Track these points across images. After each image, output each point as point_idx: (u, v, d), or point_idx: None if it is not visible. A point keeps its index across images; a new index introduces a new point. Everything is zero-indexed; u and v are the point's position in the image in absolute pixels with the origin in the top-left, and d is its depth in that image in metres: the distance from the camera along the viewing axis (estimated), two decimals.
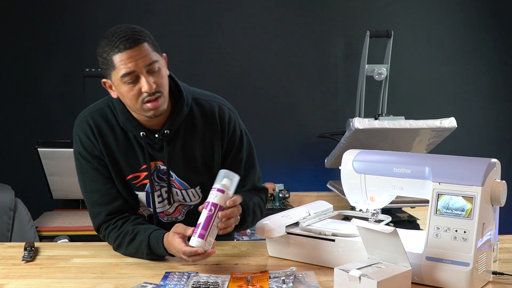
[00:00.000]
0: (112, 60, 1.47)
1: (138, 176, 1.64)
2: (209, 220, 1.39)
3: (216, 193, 1.41)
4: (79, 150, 1.63)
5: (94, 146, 1.61)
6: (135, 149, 1.62)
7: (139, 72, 1.47)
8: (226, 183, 1.42)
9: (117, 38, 1.46)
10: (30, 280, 1.40)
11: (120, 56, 1.46)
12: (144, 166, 1.62)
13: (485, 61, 3.93)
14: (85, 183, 1.65)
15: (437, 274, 1.32)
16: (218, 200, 1.41)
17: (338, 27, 3.84)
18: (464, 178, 1.32)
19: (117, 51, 1.46)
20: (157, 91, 1.50)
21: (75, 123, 1.66)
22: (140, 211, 1.71)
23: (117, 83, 1.50)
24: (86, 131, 1.61)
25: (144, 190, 1.65)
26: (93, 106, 1.67)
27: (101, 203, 1.63)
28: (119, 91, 1.52)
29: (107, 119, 1.61)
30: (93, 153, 1.62)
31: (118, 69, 1.47)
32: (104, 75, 1.54)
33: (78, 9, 3.65)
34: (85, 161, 1.63)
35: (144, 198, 1.67)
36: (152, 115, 1.53)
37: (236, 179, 1.45)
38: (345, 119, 3.56)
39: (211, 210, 1.40)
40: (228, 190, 1.42)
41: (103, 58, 1.50)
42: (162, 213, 1.71)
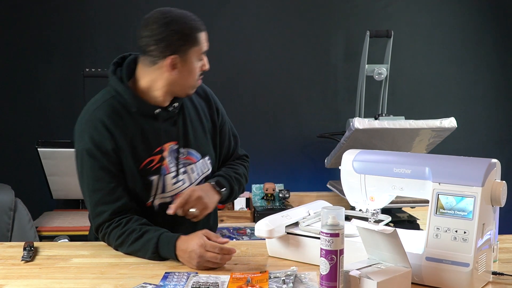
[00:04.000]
0: (197, 37, 1.62)
1: (152, 160, 1.66)
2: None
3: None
4: (86, 148, 1.61)
5: (108, 140, 1.61)
6: (147, 133, 1.65)
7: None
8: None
9: (197, 19, 1.65)
10: (29, 280, 1.40)
11: (203, 35, 1.65)
12: (158, 149, 1.66)
13: (485, 61, 3.93)
14: (88, 183, 1.63)
15: (437, 275, 1.32)
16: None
17: (338, 27, 3.84)
18: (464, 178, 1.32)
19: (202, 29, 1.64)
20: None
21: (80, 121, 1.65)
22: (149, 202, 1.69)
23: (192, 59, 1.63)
24: (97, 126, 1.61)
25: (160, 173, 1.67)
26: (96, 101, 1.67)
27: (105, 202, 1.62)
28: (189, 67, 1.63)
29: (116, 109, 1.64)
30: (104, 148, 1.60)
31: (201, 45, 1.64)
32: (175, 50, 1.60)
33: (78, 9, 3.65)
34: (92, 159, 1.61)
35: (158, 182, 1.67)
36: (193, 91, 1.70)
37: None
38: (345, 119, 3.56)
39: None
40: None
41: (184, 34, 1.60)
42: (176, 195, 1.71)
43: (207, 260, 1.46)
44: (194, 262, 1.47)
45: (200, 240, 1.48)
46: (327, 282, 1.24)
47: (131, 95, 1.63)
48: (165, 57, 1.60)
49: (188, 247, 1.48)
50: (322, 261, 1.24)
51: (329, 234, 1.23)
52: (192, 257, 1.47)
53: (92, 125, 1.62)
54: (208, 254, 1.46)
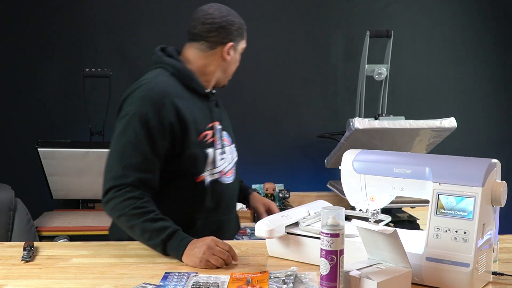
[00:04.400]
0: (244, 34, 1.86)
1: (206, 134, 1.77)
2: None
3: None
4: (143, 112, 1.63)
5: (170, 111, 1.66)
6: (202, 109, 1.79)
7: None
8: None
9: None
10: (29, 280, 1.40)
11: (245, 35, 1.88)
12: (210, 124, 1.79)
13: (485, 61, 3.92)
14: (127, 145, 1.64)
15: (437, 275, 1.32)
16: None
17: (338, 27, 3.84)
18: (465, 178, 1.32)
19: (245, 28, 1.87)
20: None
21: (141, 90, 1.68)
22: (202, 176, 1.73)
23: (239, 51, 1.87)
24: (161, 96, 1.67)
25: (212, 147, 1.77)
26: (155, 76, 1.75)
27: (136, 168, 1.62)
28: (236, 57, 1.86)
29: (177, 84, 1.76)
30: (162, 119, 1.65)
31: (244, 41, 1.87)
32: (232, 39, 1.81)
33: (78, 9, 3.65)
34: (142, 125, 1.63)
35: (213, 155, 1.76)
36: (226, 83, 1.92)
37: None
38: (345, 119, 3.56)
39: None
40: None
41: (240, 27, 1.83)
42: (221, 172, 1.80)
43: (214, 254, 1.48)
44: (200, 253, 1.48)
45: (213, 237, 1.54)
46: (327, 282, 1.24)
47: (189, 72, 1.78)
48: (224, 43, 1.79)
49: (201, 241, 1.51)
50: (322, 261, 1.24)
51: (329, 234, 1.23)
52: (200, 248, 1.48)
53: (157, 93, 1.67)
54: (217, 248, 1.49)
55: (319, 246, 1.25)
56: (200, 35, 1.78)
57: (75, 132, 3.53)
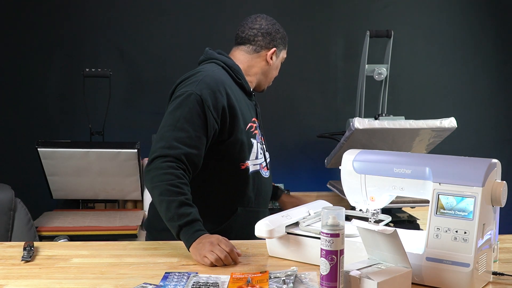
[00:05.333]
0: (286, 44, 2.04)
1: (252, 126, 1.89)
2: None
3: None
4: (200, 93, 1.73)
5: (223, 96, 1.78)
6: (247, 104, 1.92)
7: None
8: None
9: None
10: (29, 280, 1.40)
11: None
12: (254, 118, 1.92)
13: (485, 61, 3.92)
14: (179, 119, 1.70)
15: (438, 275, 1.32)
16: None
17: (338, 27, 3.84)
18: (465, 178, 1.32)
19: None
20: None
21: (197, 76, 1.79)
22: (246, 163, 1.84)
23: (280, 58, 2.03)
24: (217, 81, 1.79)
25: (256, 139, 1.90)
26: (208, 69, 1.85)
27: (185, 143, 1.67)
28: (278, 63, 2.02)
29: (228, 78, 1.88)
30: (215, 102, 1.75)
31: (285, 51, 2.05)
32: (276, 45, 1.98)
33: (78, 9, 3.65)
34: (197, 104, 1.72)
35: (257, 146, 1.89)
36: (265, 89, 2.06)
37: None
38: (345, 119, 3.56)
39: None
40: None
41: (284, 35, 2.01)
42: (261, 164, 1.91)
43: (212, 251, 1.50)
44: (202, 249, 1.51)
45: (219, 236, 1.56)
46: (327, 282, 1.24)
47: (238, 72, 1.91)
48: (269, 48, 1.96)
49: (207, 237, 1.55)
50: (322, 261, 1.24)
51: (330, 235, 1.23)
52: (204, 244, 1.52)
53: (213, 79, 1.79)
54: (218, 247, 1.51)
55: (319, 246, 1.25)
56: (247, 39, 1.97)
57: (75, 132, 3.53)
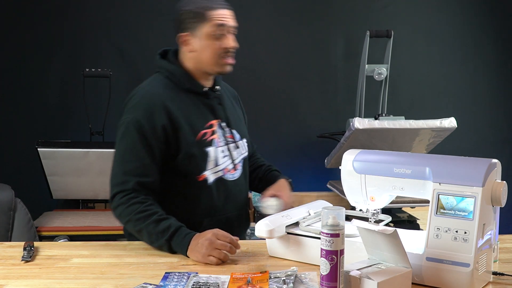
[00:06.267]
0: (208, 14, 1.72)
1: (206, 133, 1.78)
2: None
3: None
4: (137, 119, 1.68)
5: (162, 114, 1.69)
6: (200, 108, 1.79)
7: (228, 29, 1.75)
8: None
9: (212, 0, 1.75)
10: (29, 280, 1.40)
11: (218, 12, 1.73)
12: (210, 122, 1.79)
13: (485, 61, 3.93)
14: (124, 152, 1.69)
15: (438, 275, 1.32)
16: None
17: (338, 27, 3.84)
18: (465, 178, 1.32)
19: (215, 7, 1.73)
20: (234, 51, 1.78)
21: (135, 96, 1.73)
22: (204, 175, 1.75)
23: (204, 35, 1.74)
24: (153, 100, 1.71)
25: (213, 146, 1.78)
26: (150, 81, 1.79)
27: (135, 173, 1.66)
28: (202, 43, 1.74)
29: (171, 87, 1.77)
30: (155, 123, 1.68)
31: (211, 21, 1.72)
32: (184, 29, 1.75)
33: (78, 9, 3.65)
34: (136, 131, 1.68)
35: (214, 154, 1.77)
36: (227, 70, 1.79)
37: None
38: (345, 119, 3.56)
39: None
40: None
41: (195, 12, 1.73)
42: (225, 169, 1.81)
43: (216, 248, 1.50)
44: (203, 249, 1.51)
45: (213, 230, 1.55)
46: (327, 282, 1.24)
47: (183, 73, 1.78)
48: (180, 36, 1.77)
49: (202, 236, 1.54)
50: (323, 261, 1.24)
51: (330, 234, 1.23)
52: (203, 244, 1.51)
53: (148, 99, 1.72)
54: (218, 241, 1.51)
55: (319, 246, 1.24)
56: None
57: (75, 132, 3.53)
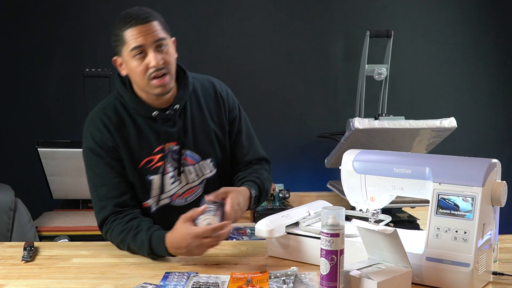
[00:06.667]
0: (124, 35, 1.60)
1: (151, 159, 1.68)
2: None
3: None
4: (90, 147, 1.66)
5: (107, 138, 1.65)
6: (147, 133, 1.67)
7: (148, 47, 1.59)
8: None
9: (129, 16, 1.60)
10: (29, 280, 1.40)
11: (132, 31, 1.58)
12: (158, 148, 1.67)
13: (485, 61, 3.92)
14: (94, 179, 1.67)
15: (438, 275, 1.32)
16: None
17: (338, 27, 3.84)
18: (465, 178, 1.32)
19: (129, 26, 1.59)
20: (163, 67, 1.60)
21: (85, 122, 1.70)
22: (147, 203, 1.70)
23: (127, 58, 1.61)
24: (98, 127, 1.66)
25: (159, 173, 1.69)
26: (101, 103, 1.72)
27: (109, 196, 1.64)
28: (128, 66, 1.62)
29: (117, 111, 1.68)
30: (106, 146, 1.64)
31: (129, 43, 1.59)
32: (116, 52, 1.65)
33: (78, 9, 3.65)
34: (96, 156, 1.65)
35: (159, 182, 1.69)
36: (159, 92, 1.62)
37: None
38: (345, 119, 3.56)
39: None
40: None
41: (115, 34, 1.62)
42: (174, 195, 1.72)
43: (207, 246, 1.47)
44: (196, 252, 1.47)
45: (190, 231, 1.45)
46: (327, 282, 1.24)
47: (129, 97, 1.67)
48: (113, 59, 1.68)
49: (182, 243, 1.47)
50: (323, 261, 1.24)
51: (330, 234, 1.23)
52: (191, 251, 1.47)
53: (93, 124, 1.67)
54: (205, 240, 1.45)
55: (319, 246, 1.25)
56: None
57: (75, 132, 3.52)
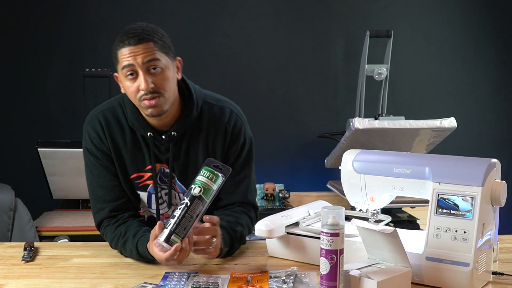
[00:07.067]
0: (117, 54, 1.52)
1: (142, 176, 1.64)
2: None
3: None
4: (87, 147, 1.64)
5: (103, 142, 1.62)
6: (142, 149, 1.62)
7: (138, 68, 1.49)
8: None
9: (126, 34, 1.51)
10: (30, 280, 1.40)
11: (124, 51, 1.50)
12: (149, 166, 1.63)
13: (485, 61, 3.93)
14: (92, 179, 1.66)
15: (437, 275, 1.32)
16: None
17: (338, 27, 3.84)
18: (464, 178, 1.32)
19: (122, 45, 1.50)
20: (154, 91, 1.50)
21: (85, 120, 1.67)
22: (141, 212, 1.71)
23: (121, 77, 1.54)
24: (96, 128, 1.63)
25: (146, 191, 1.66)
26: (105, 104, 1.68)
27: (105, 199, 1.63)
28: (123, 85, 1.55)
29: (117, 117, 1.63)
30: (102, 149, 1.62)
31: (120, 62, 1.52)
32: (115, 69, 1.58)
33: (78, 9, 3.66)
34: (93, 157, 1.64)
35: (146, 199, 1.68)
36: (151, 113, 1.53)
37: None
38: (345, 119, 3.56)
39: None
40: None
41: (112, 51, 1.55)
42: (162, 215, 1.70)
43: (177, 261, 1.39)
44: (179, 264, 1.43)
45: (155, 253, 1.40)
46: (327, 281, 1.24)
47: (131, 109, 1.60)
48: (114, 75, 1.61)
49: (157, 258, 1.41)
50: (322, 261, 1.24)
51: (329, 234, 1.23)
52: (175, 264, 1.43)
53: (91, 126, 1.64)
54: (170, 262, 1.39)
55: (319, 246, 1.25)
56: None
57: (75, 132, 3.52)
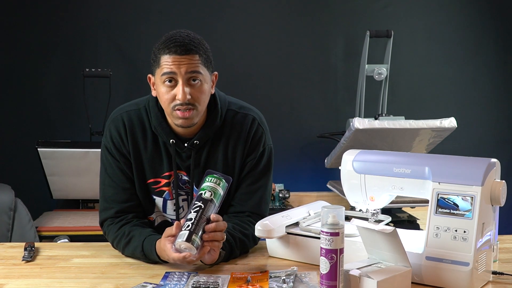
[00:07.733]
0: (160, 58, 1.52)
1: (159, 181, 1.64)
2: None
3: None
4: (107, 145, 1.64)
5: (123, 144, 1.62)
6: (161, 154, 1.62)
7: (179, 77, 1.50)
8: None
9: (173, 41, 1.51)
10: (30, 280, 1.40)
11: (168, 58, 1.50)
12: (167, 173, 1.63)
13: (485, 61, 3.93)
14: (105, 177, 1.65)
15: (437, 274, 1.32)
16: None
17: (338, 27, 3.84)
18: (464, 178, 1.32)
19: (167, 51, 1.50)
20: (190, 104, 1.51)
21: (109, 117, 1.67)
22: (151, 217, 1.69)
23: (158, 81, 1.54)
24: (118, 128, 1.62)
25: (162, 197, 1.66)
26: (131, 104, 1.67)
27: (114, 199, 1.63)
28: (158, 90, 1.55)
29: (141, 120, 1.63)
30: (121, 150, 1.62)
31: (161, 67, 1.51)
32: (151, 70, 1.58)
33: (78, 9, 3.66)
34: (111, 156, 1.63)
35: (161, 204, 1.67)
36: (181, 124, 1.54)
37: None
38: (345, 119, 3.56)
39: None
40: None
41: (154, 54, 1.55)
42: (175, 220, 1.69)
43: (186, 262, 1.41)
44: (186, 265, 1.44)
45: (167, 252, 1.40)
46: (327, 281, 1.24)
47: (155, 114, 1.60)
48: (148, 76, 1.61)
49: (164, 257, 1.44)
50: (322, 260, 1.24)
51: (329, 233, 1.23)
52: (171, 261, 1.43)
53: (114, 125, 1.64)
54: (178, 262, 1.41)
55: (319, 246, 1.25)
56: None
57: (75, 132, 3.54)
